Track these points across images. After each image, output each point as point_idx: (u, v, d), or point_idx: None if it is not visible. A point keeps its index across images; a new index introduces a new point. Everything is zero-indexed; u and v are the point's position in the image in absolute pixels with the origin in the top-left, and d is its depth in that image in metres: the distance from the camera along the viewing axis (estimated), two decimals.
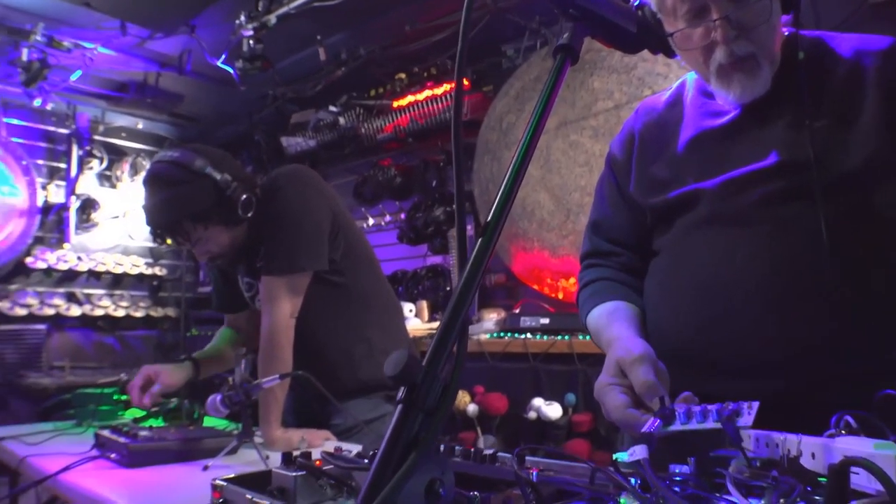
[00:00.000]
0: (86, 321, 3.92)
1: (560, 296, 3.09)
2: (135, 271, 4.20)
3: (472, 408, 2.90)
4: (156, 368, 1.93)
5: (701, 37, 1.06)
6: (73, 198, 3.94)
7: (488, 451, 0.93)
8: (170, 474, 1.53)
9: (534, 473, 0.83)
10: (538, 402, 2.70)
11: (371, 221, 4.14)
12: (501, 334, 3.01)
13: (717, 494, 0.72)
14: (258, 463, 1.56)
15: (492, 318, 3.24)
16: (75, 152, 3.94)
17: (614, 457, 0.78)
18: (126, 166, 4.25)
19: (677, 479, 0.78)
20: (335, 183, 4.48)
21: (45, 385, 3.33)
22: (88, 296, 4.02)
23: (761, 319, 1.02)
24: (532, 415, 2.69)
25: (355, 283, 2.05)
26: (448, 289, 3.59)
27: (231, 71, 3.19)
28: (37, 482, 1.47)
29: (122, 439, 1.59)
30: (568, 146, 2.97)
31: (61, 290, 3.97)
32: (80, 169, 3.99)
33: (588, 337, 2.57)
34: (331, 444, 1.86)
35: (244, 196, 1.82)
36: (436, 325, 3.42)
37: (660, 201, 1.19)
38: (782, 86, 1.09)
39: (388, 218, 4.06)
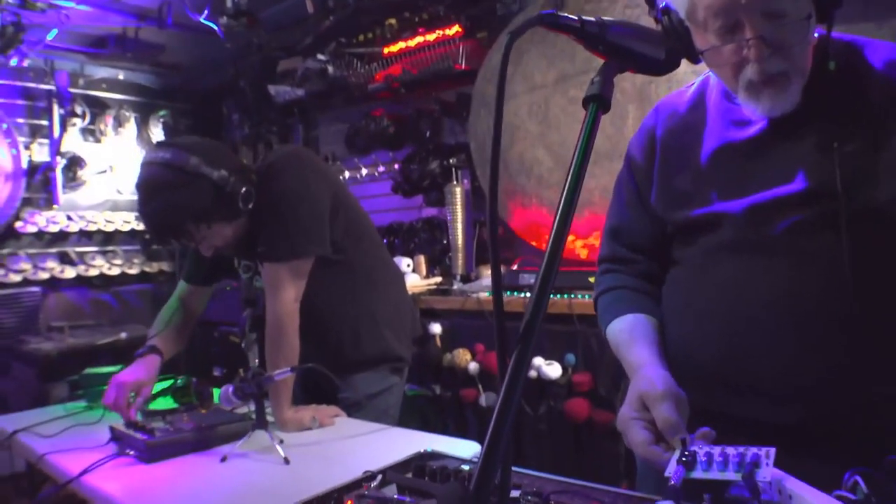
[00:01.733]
0: (81, 281, 3.89)
1: None
2: (126, 228, 4.15)
3: (473, 366, 2.94)
4: (134, 380, 1.88)
5: (732, 53, 1.02)
6: (58, 158, 3.84)
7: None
8: (188, 468, 1.57)
9: None
10: (538, 361, 2.74)
11: (364, 172, 4.08)
12: (505, 291, 3.02)
13: None
14: (272, 449, 1.59)
15: (489, 274, 3.25)
16: (56, 112, 3.81)
17: None
18: (109, 119, 4.14)
19: None
20: (326, 131, 4.40)
21: (47, 351, 3.33)
22: (81, 255, 3.98)
23: (782, 349, 1.02)
24: (532, 374, 2.73)
25: (357, 260, 2.05)
26: (445, 241, 3.58)
27: (215, 27, 3.06)
28: (61, 486, 1.49)
29: (139, 435, 1.61)
30: (567, 102, 2.91)
31: (53, 250, 3.92)
32: (63, 128, 3.87)
33: (588, 296, 2.61)
34: (340, 420, 1.90)
35: (243, 189, 1.79)
36: (434, 280, 3.43)
37: (682, 218, 1.18)
38: (812, 98, 1.05)
39: (381, 168, 4.00)
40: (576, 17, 0.80)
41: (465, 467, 1.12)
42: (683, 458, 0.83)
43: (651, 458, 0.94)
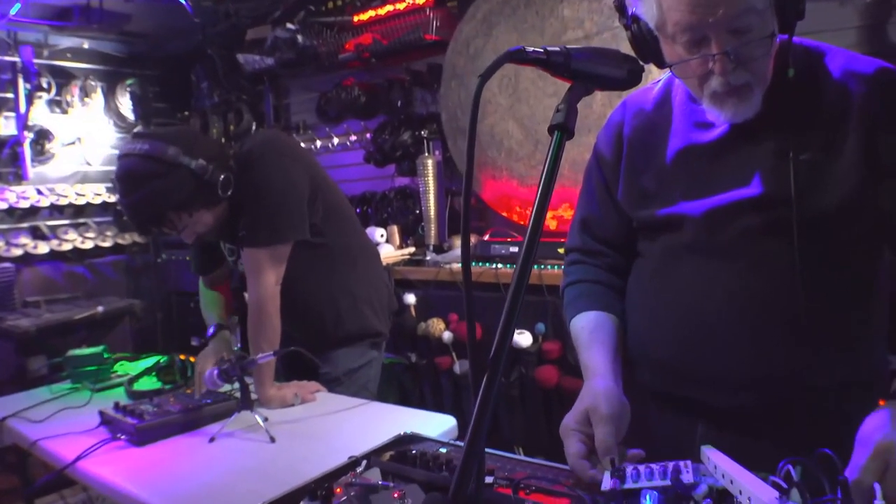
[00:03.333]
0: (54, 255, 3.88)
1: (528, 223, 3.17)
2: (97, 200, 4.12)
3: (447, 335, 3.04)
4: (216, 358, 1.93)
5: (698, 66, 1.06)
6: (25, 132, 3.78)
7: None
8: (178, 449, 1.64)
9: None
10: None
11: (336, 141, 4.09)
12: (473, 263, 3.10)
13: None
14: (258, 428, 1.67)
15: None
16: (22, 86, 3.74)
17: None
18: (76, 90, 4.06)
19: None
20: (296, 100, 4.39)
21: (26, 327, 3.34)
22: (54, 229, 3.95)
23: (735, 345, 1.12)
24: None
25: (336, 241, 2.11)
26: (418, 211, 3.63)
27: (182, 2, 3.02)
28: (57, 472, 1.55)
29: (128, 419, 1.67)
30: (537, 76, 2.95)
31: (25, 225, 3.90)
32: (30, 102, 3.81)
33: (556, 267, 2.70)
34: (322, 396, 1.98)
35: (222, 177, 1.82)
36: (408, 251, 3.50)
37: (646, 217, 1.25)
38: (771, 104, 1.10)
39: (353, 138, 4.02)
40: (542, 49, 0.85)
41: (443, 450, 1.21)
42: (615, 474, 0.93)
43: (577, 471, 1.04)
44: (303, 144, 4.16)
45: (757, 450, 0.97)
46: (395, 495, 1.00)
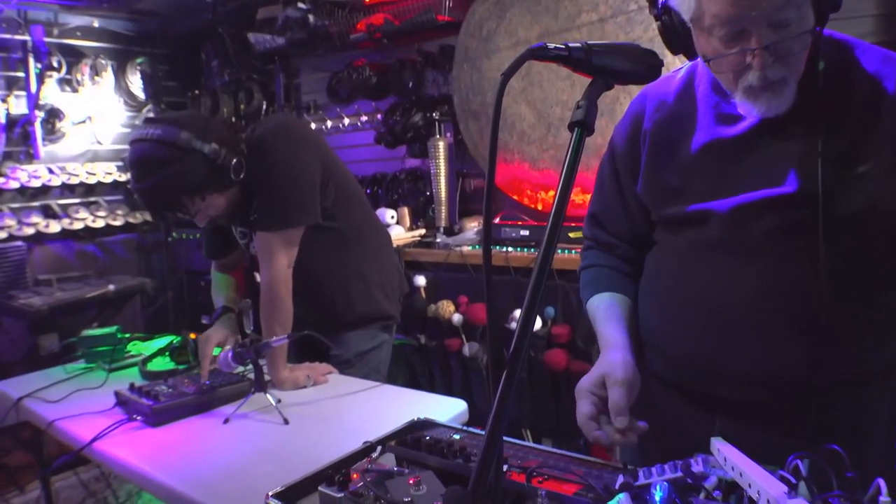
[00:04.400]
0: (66, 234, 3.91)
1: (539, 207, 3.17)
2: (108, 179, 4.13)
3: (456, 317, 3.05)
4: (218, 338, 1.98)
5: (736, 60, 1.04)
6: (36, 111, 3.79)
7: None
8: (193, 430, 1.66)
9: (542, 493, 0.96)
10: (519, 313, 2.85)
11: (346, 121, 4.08)
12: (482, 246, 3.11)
13: None
14: (271, 409, 1.69)
15: (472, 227, 3.33)
16: (32, 65, 3.74)
17: None
18: (86, 69, 4.06)
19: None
20: (307, 80, 4.37)
21: (38, 306, 3.37)
22: (65, 208, 3.97)
23: (757, 344, 1.12)
24: (513, 325, 2.85)
25: (348, 225, 2.12)
26: (428, 193, 3.63)
27: None
28: (76, 452, 1.58)
29: (144, 400, 1.69)
30: None
31: (36, 204, 3.92)
32: (41, 81, 3.81)
33: (567, 251, 2.70)
34: (333, 378, 2.01)
35: (234, 161, 1.83)
36: (418, 233, 3.50)
37: (669, 212, 1.23)
38: (802, 96, 1.08)
39: (363, 118, 4.01)
40: (563, 46, 0.85)
41: (456, 437, 1.23)
42: (628, 474, 0.96)
43: (585, 430, 1.09)
44: (313, 125, 4.16)
45: (775, 443, 0.98)
46: (411, 481, 1.02)
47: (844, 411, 1.11)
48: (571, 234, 2.88)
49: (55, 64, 3.88)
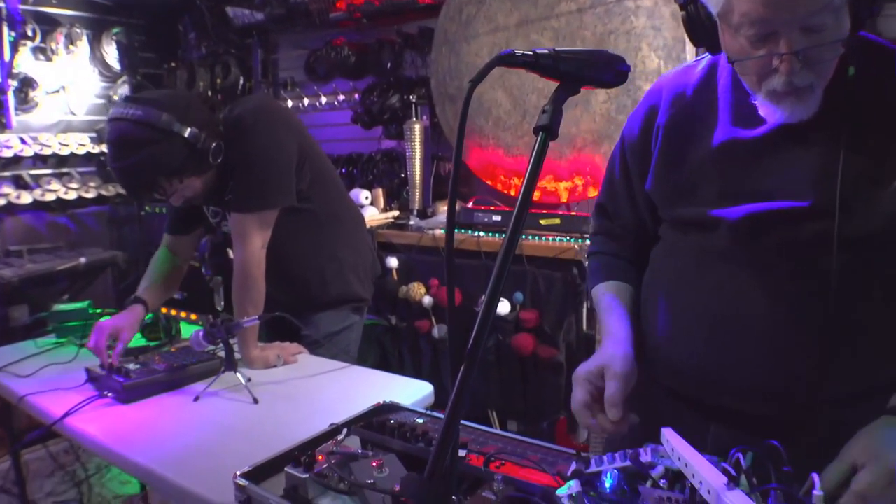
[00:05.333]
0: (37, 206, 3.86)
1: (512, 192, 3.21)
2: (81, 151, 4.08)
3: (427, 299, 3.09)
4: (114, 325, 1.93)
5: (762, 64, 1.00)
6: (9, 80, 3.72)
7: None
8: (164, 408, 1.69)
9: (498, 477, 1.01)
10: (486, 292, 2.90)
11: (324, 100, 4.08)
12: (457, 230, 3.15)
13: None
14: (241, 388, 1.73)
15: (446, 210, 3.35)
16: (6, 34, 3.66)
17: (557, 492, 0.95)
18: (61, 38, 3.98)
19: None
20: (285, 56, 4.35)
21: (8, 277, 3.34)
22: (37, 179, 3.92)
23: (764, 359, 1.10)
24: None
25: (323, 207, 2.14)
26: (403, 175, 3.66)
27: None
28: (47, 427, 1.60)
29: (115, 377, 1.71)
30: (528, 46, 2.91)
31: (8, 174, 3.86)
32: (15, 50, 3.74)
33: (536, 238, 2.75)
34: (303, 358, 2.04)
35: (213, 144, 1.84)
36: (392, 214, 3.53)
37: (679, 214, 1.21)
38: (828, 104, 1.02)
39: (341, 97, 4.01)
40: (531, 52, 0.88)
41: (420, 420, 1.28)
42: (580, 461, 1.00)
43: (580, 417, 1.14)
44: (290, 102, 4.15)
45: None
46: (374, 464, 1.06)
47: (845, 429, 1.06)
48: (542, 222, 2.93)
49: (29, 32, 3.81)
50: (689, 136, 1.18)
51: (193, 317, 3.26)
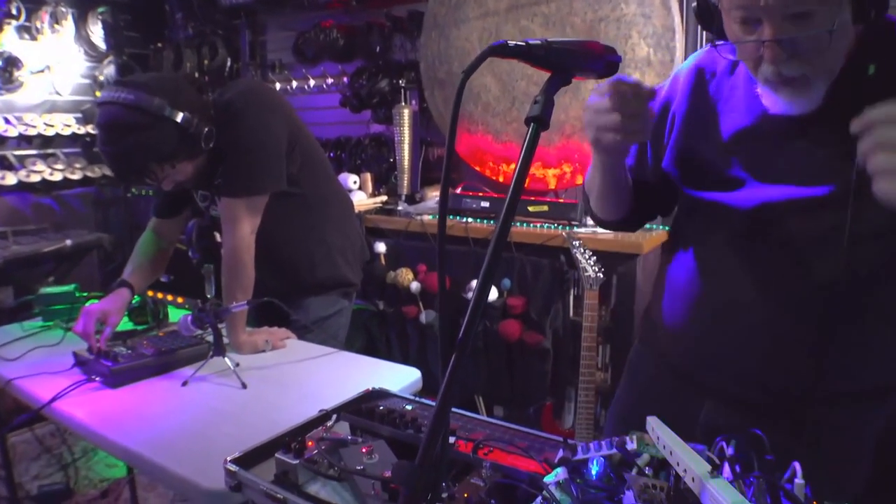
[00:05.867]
0: (22, 187, 3.81)
1: (500, 179, 3.22)
2: (67, 132, 4.03)
3: (415, 285, 3.10)
4: (102, 309, 1.92)
5: (750, 48, 1.01)
6: None
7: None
8: (152, 392, 1.69)
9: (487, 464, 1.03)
10: (476, 283, 2.91)
11: (312, 83, 4.05)
12: None
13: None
14: (230, 373, 1.73)
15: (434, 196, 3.36)
16: None
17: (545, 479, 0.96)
18: (46, 17, 3.92)
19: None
20: (273, 37, 4.31)
21: None
22: (21, 159, 3.88)
23: (766, 344, 1.13)
24: (471, 295, 2.90)
25: (312, 192, 2.14)
26: (392, 160, 3.65)
27: None
28: (35, 411, 1.60)
29: (103, 361, 1.71)
30: (518, 32, 2.95)
31: None
32: None
33: (524, 225, 2.75)
34: (292, 343, 2.05)
35: (206, 129, 1.83)
36: (380, 199, 3.52)
37: (694, 197, 1.23)
38: (844, 98, 0.99)
39: (329, 80, 3.98)
40: (523, 43, 0.88)
41: (409, 407, 1.29)
42: (567, 448, 1.01)
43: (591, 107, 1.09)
44: (278, 84, 4.12)
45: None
46: (364, 450, 1.07)
47: (838, 426, 1.11)
48: (530, 208, 2.94)
49: (14, 11, 3.74)
50: (709, 121, 1.19)
51: (180, 300, 3.25)
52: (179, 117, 1.77)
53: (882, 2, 0.94)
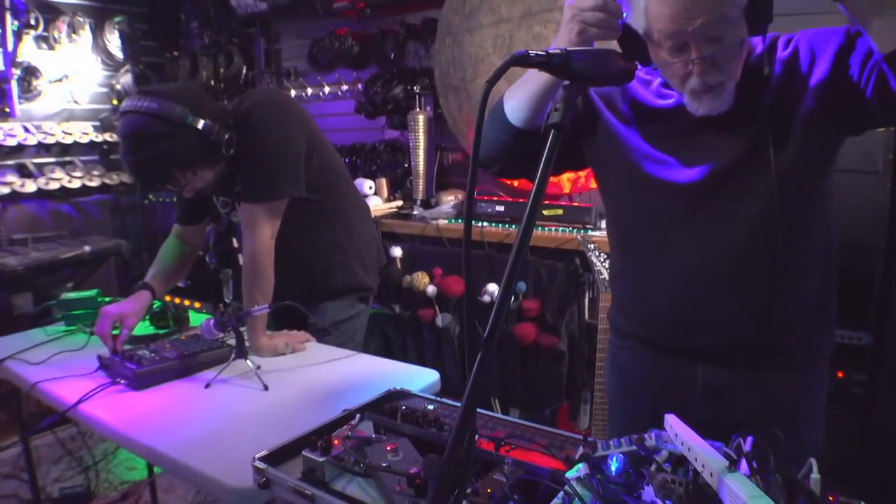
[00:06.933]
0: (41, 194, 3.88)
1: (515, 183, 3.24)
2: (85, 139, 4.09)
3: (431, 289, 3.13)
4: (119, 311, 1.96)
5: (681, 67, 1.22)
6: (13, 69, 3.73)
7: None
8: (176, 394, 1.72)
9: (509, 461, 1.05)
10: (492, 286, 2.94)
11: (327, 90, 4.10)
12: (459, 220, 3.18)
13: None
14: (251, 375, 1.76)
15: (449, 200, 3.39)
16: (9, 23, 3.67)
17: (566, 475, 0.98)
18: (63, 27, 3.99)
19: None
20: (288, 46, 4.36)
21: (13, 266, 3.36)
22: (40, 167, 3.94)
23: (722, 299, 1.31)
24: (486, 298, 2.94)
25: (329, 198, 2.17)
26: (406, 165, 3.68)
27: None
28: (60, 414, 1.63)
29: (127, 364, 1.74)
30: (531, 38, 2.98)
31: (11, 162, 3.88)
32: (18, 39, 3.74)
33: (540, 229, 2.78)
34: (311, 346, 2.08)
35: (226, 136, 1.86)
36: (395, 204, 3.56)
37: (631, 185, 1.38)
38: (741, 96, 1.24)
39: (344, 87, 4.03)
40: (543, 52, 0.91)
41: (430, 407, 1.31)
42: (587, 446, 1.03)
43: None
44: (293, 92, 4.17)
45: (754, 378, 1.32)
46: (388, 448, 1.10)
47: (797, 352, 1.34)
48: (545, 212, 2.97)
49: (32, 21, 3.82)
50: (629, 128, 1.39)
51: (197, 305, 3.29)
52: (201, 125, 1.80)
53: (768, 16, 1.14)
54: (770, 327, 1.32)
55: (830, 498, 0.92)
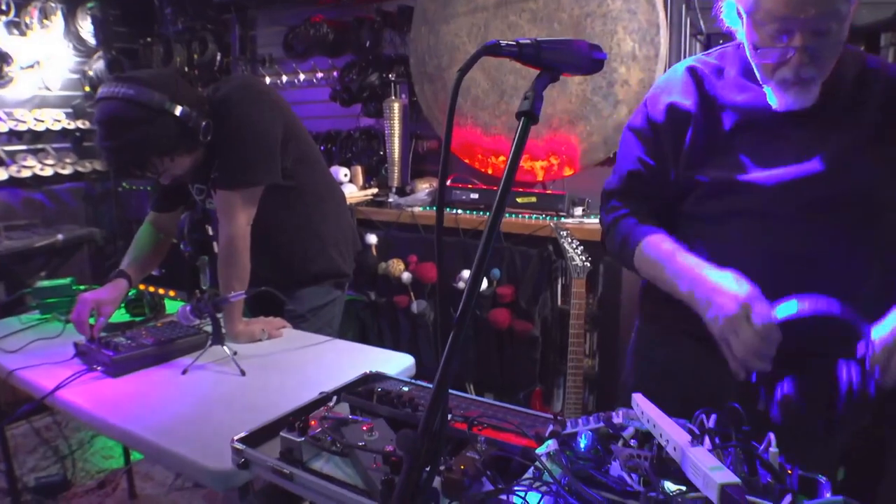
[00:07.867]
0: (13, 182, 3.82)
1: (490, 171, 3.27)
2: (57, 127, 4.04)
3: (406, 275, 3.15)
4: (97, 298, 1.96)
5: (778, 54, 1.21)
6: None
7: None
8: (152, 380, 1.73)
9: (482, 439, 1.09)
10: (466, 273, 2.97)
11: (302, 77, 4.08)
12: (434, 207, 3.20)
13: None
14: (228, 361, 1.78)
15: (424, 188, 3.41)
16: None
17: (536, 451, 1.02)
18: (35, 12, 3.91)
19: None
20: (263, 32, 4.33)
21: None
22: (12, 155, 3.88)
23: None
24: (461, 285, 2.97)
25: (306, 185, 2.18)
26: (382, 153, 3.69)
27: None
28: (38, 401, 1.64)
29: (104, 351, 1.75)
30: (506, 27, 3.00)
31: None
32: None
33: (513, 215, 2.81)
34: (287, 332, 2.10)
35: (204, 123, 1.87)
36: (370, 191, 3.57)
37: (714, 181, 1.36)
38: (833, 95, 1.25)
39: (319, 75, 4.02)
40: (514, 43, 0.94)
41: (405, 388, 1.35)
42: (556, 423, 1.07)
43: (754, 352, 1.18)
44: (268, 79, 4.15)
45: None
46: (364, 428, 1.13)
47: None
48: (519, 200, 3.00)
49: (3, 6, 3.74)
50: (714, 120, 1.37)
51: (172, 293, 3.29)
52: (179, 111, 1.81)
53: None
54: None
55: (789, 471, 0.97)
